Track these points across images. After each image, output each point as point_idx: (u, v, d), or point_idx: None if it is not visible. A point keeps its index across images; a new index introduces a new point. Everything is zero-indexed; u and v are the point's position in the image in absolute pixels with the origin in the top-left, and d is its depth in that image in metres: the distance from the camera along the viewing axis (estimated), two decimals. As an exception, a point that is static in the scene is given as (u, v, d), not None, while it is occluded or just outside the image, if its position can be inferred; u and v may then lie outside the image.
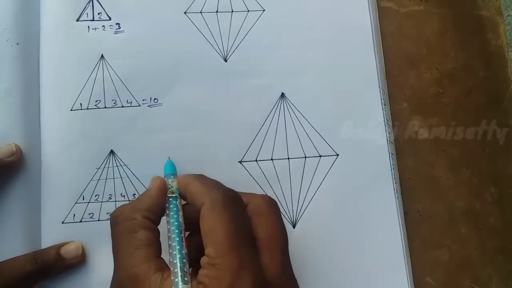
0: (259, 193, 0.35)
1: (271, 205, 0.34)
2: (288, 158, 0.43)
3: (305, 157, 0.43)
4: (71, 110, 0.42)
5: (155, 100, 0.43)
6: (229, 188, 0.33)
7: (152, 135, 0.42)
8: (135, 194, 0.41)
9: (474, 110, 0.46)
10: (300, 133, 0.43)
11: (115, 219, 0.34)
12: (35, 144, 0.41)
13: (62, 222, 0.41)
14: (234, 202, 0.32)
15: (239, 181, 0.42)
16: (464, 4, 0.48)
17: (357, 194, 0.43)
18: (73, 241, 0.40)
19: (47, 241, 0.40)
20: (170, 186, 0.36)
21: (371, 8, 0.46)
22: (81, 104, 0.42)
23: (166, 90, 0.43)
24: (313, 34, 0.45)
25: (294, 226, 0.42)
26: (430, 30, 0.47)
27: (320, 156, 0.43)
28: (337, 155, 0.43)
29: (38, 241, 0.40)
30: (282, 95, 0.44)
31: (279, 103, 0.44)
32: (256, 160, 0.43)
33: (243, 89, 0.44)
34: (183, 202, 0.36)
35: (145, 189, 0.41)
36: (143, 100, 0.43)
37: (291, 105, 0.44)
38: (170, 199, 0.35)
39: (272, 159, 0.43)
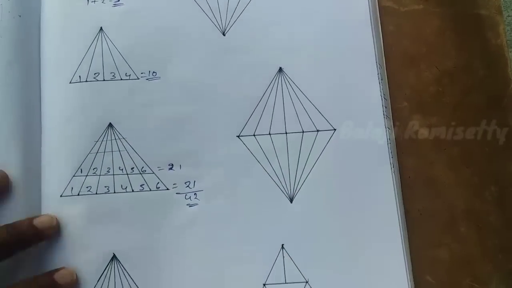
0: None
1: None
2: (286, 133, 0.43)
3: (303, 132, 0.43)
4: (70, 82, 0.42)
5: (154, 74, 0.43)
6: None
7: (150, 108, 0.42)
8: (133, 167, 0.42)
9: (474, 108, 0.45)
10: (298, 107, 0.44)
11: None
12: (35, 116, 0.41)
13: (61, 196, 0.41)
14: None
15: (237, 155, 0.42)
16: (463, 3, 0.47)
17: (355, 169, 0.43)
18: (47, 214, 0.40)
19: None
20: None
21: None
22: (80, 76, 0.42)
23: (164, 64, 0.43)
24: (312, 7, 0.45)
25: (291, 201, 0.42)
26: (429, 29, 0.47)
27: (318, 130, 0.43)
28: (334, 129, 0.43)
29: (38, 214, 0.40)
30: (280, 70, 0.44)
31: (277, 78, 0.44)
32: (254, 135, 0.43)
33: (241, 63, 0.44)
34: None
35: (144, 163, 0.41)
36: (141, 73, 0.43)
37: (288, 80, 0.44)
38: None
39: (270, 134, 0.43)
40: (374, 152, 0.43)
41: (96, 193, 0.41)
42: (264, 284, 0.40)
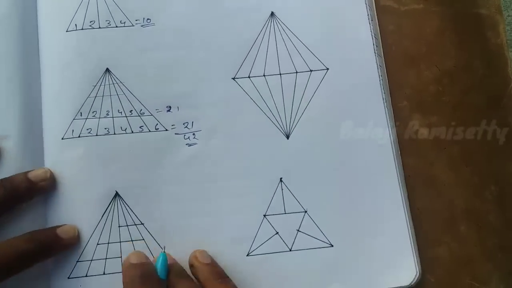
0: None
1: None
2: (280, 74, 0.44)
3: (296, 72, 0.44)
4: (66, 31, 0.43)
5: (148, 20, 0.44)
6: None
7: (146, 53, 0.43)
8: (131, 110, 0.42)
9: (474, 108, 0.45)
10: (291, 49, 0.45)
11: None
12: (34, 65, 0.42)
13: (62, 138, 0.41)
14: None
15: (233, 96, 0.43)
16: (463, 3, 0.48)
17: (348, 106, 0.44)
18: (41, 167, 0.41)
19: (49, 157, 0.41)
20: None
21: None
22: (76, 25, 0.43)
23: (158, 10, 0.44)
24: None
25: (288, 137, 0.43)
26: (429, 28, 0.47)
27: (311, 70, 0.44)
28: (327, 69, 0.44)
29: (41, 158, 0.41)
30: (272, 14, 0.45)
31: (269, 22, 0.45)
32: (249, 77, 0.44)
33: (234, 9, 0.45)
34: None
35: (142, 106, 0.42)
36: (136, 20, 0.44)
37: (280, 23, 0.45)
38: None
39: (264, 75, 0.44)
40: (365, 91, 0.44)
41: (97, 135, 0.42)
42: (264, 215, 0.41)
